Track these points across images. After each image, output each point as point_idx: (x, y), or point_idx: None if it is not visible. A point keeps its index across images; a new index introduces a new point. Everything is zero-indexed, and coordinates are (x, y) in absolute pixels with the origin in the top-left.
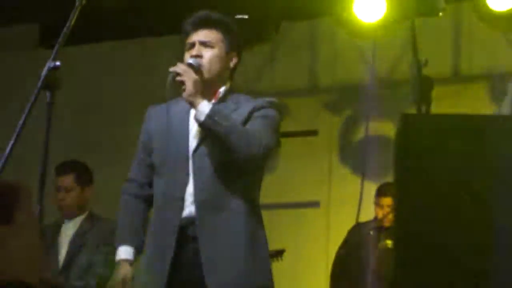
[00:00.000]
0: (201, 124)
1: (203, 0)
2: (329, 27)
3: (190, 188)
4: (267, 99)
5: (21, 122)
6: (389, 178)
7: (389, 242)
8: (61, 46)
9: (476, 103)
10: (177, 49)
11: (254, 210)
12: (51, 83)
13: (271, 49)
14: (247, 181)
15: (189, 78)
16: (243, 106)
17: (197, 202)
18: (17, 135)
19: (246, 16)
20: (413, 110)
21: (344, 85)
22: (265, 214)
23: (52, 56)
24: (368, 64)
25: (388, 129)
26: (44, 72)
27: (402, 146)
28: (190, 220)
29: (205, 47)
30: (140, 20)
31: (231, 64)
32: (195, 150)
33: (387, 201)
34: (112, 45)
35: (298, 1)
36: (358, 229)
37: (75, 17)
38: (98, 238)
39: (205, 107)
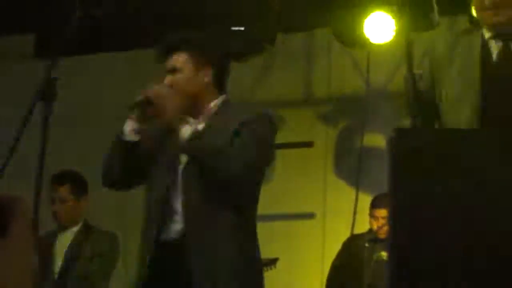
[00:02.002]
0: (179, 150)
1: (199, 13)
2: (324, 39)
3: (178, 203)
4: (260, 112)
5: (17, 133)
6: (384, 190)
7: (384, 254)
8: (58, 57)
9: None
10: None
11: (245, 224)
12: (47, 95)
13: (267, 60)
14: (237, 197)
15: (170, 103)
16: (233, 120)
17: (186, 217)
18: (13, 146)
19: (242, 28)
20: (408, 123)
21: (339, 97)
22: (261, 225)
23: (48, 68)
24: (363, 76)
25: (383, 141)
26: (40, 84)
27: (396, 160)
28: (178, 236)
29: (173, 74)
30: (138, 32)
31: (206, 79)
32: (184, 166)
33: (382, 212)
34: (110, 57)
35: (294, 13)
36: (353, 240)
37: (71, 29)
38: (93, 250)
39: (183, 132)
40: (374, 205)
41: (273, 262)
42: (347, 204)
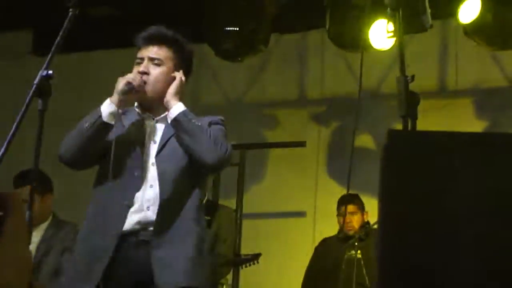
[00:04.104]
0: (174, 119)
1: (192, 12)
2: (318, 40)
3: (146, 193)
4: (219, 116)
5: (13, 129)
6: (375, 190)
7: (356, 252)
8: (54, 54)
9: (461, 117)
10: None
11: (202, 214)
12: (43, 91)
13: (261, 61)
14: (200, 187)
15: (178, 81)
16: (200, 119)
17: (159, 206)
18: (9, 142)
19: (236, 28)
20: (400, 124)
21: (332, 98)
22: (252, 223)
23: (44, 65)
24: (356, 77)
25: (375, 141)
26: (36, 80)
27: (388, 162)
28: (145, 225)
29: (153, 64)
30: (132, 29)
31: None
32: (157, 155)
33: (349, 208)
34: (104, 53)
35: (288, 14)
36: (323, 244)
37: (68, 26)
38: (63, 243)
39: (180, 106)
40: (341, 202)
41: (256, 257)
42: (337, 203)
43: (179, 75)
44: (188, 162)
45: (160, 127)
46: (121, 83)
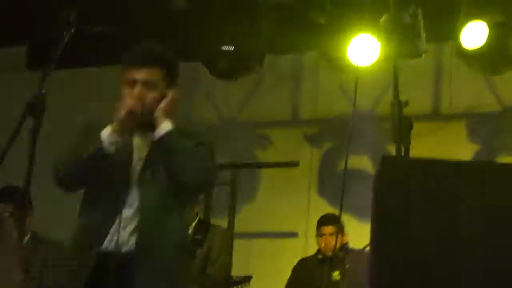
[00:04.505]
0: (160, 139)
1: (188, 30)
2: (312, 61)
3: (126, 213)
4: (208, 138)
5: (6, 145)
6: (367, 212)
7: (336, 274)
8: (48, 71)
9: (455, 141)
10: None
11: (186, 234)
12: (36, 109)
13: (256, 80)
14: (185, 207)
15: (169, 99)
16: (190, 135)
17: (140, 228)
18: (2, 158)
19: (231, 48)
20: (393, 146)
21: (326, 119)
22: (244, 243)
23: (38, 83)
24: (350, 98)
25: (367, 163)
26: (29, 98)
27: (381, 188)
28: (124, 246)
29: (147, 88)
30: (125, 46)
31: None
32: (141, 174)
33: (328, 229)
34: (99, 70)
35: (283, 35)
36: (302, 264)
37: (64, 43)
38: (44, 260)
39: (168, 125)
40: (320, 223)
41: (247, 279)
42: None
43: (171, 93)
44: (173, 184)
45: (147, 145)
46: (122, 112)
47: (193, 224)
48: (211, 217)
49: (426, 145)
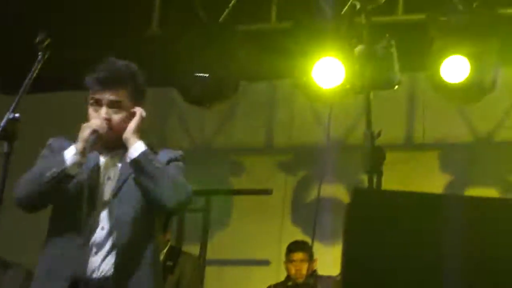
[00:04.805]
0: (134, 161)
1: (163, 56)
2: (287, 89)
3: (98, 236)
4: (179, 152)
5: None
6: (339, 240)
7: None
8: (21, 95)
9: (427, 171)
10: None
11: (159, 259)
12: (9, 134)
13: (230, 107)
14: (158, 230)
15: (138, 117)
16: (160, 155)
17: (116, 250)
18: None
19: (206, 75)
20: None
21: (299, 147)
22: (216, 270)
23: (12, 107)
24: (324, 127)
25: (340, 192)
26: (2, 123)
27: (351, 220)
28: (96, 271)
29: (112, 108)
30: None
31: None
32: (114, 196)
33: (299, 256)
34: (73, 94)
35: (258, 62)
36: None
37: (38, 68)
38: (10, 285)
39: (141, 145)
40: (290, 250)
41: None
42: None
43: (139, 112)
44: (146, 204)
45: (117, 165)
46: (86, 132)
47: (164, 250)
48: (183, 243)
49: (399, 175)
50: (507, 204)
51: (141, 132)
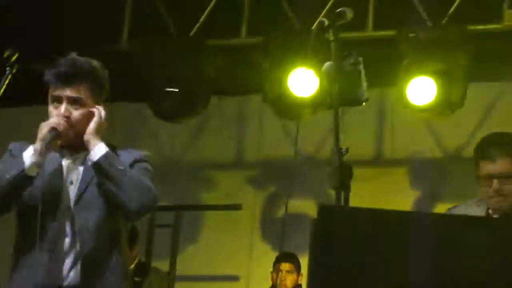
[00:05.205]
0: (95, 164)
1: (134, 71)
2: (257, 104)
3: (62, 244)
4: (144, 152)
5: None
6: (307, 256)
7: None
8: None
9: (396, 186)
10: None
11: (126, 263)
12: None
13: (200, 122)
14: (122, 234)
15: (97, 118)
16: (123, 156)
17: (79, 257)
18: None
19: (176, 89)
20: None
21: (269, 162)
22: (186, 286)
23: None
24: (293, 142)
25: (310, 207)
26: None
27: (317, 237)
28: (62, 280)
29: (73, 105)
30: None
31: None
32: (76, 201)
33: (286, 266)
34: (43, 108)
35: (228, 77)
36: None
37: (5, 84)
38: None
39: (102, 147)
40: (278, 260)
41: None
42: (271, 268)
43: (98, 111)
44: (110, 209)
45: (79, 167)
46: (44, 129)
47: (132, 266)
48: (152, 259)
49: (368, 191)
50: (472, 221)
51: (101, 133)
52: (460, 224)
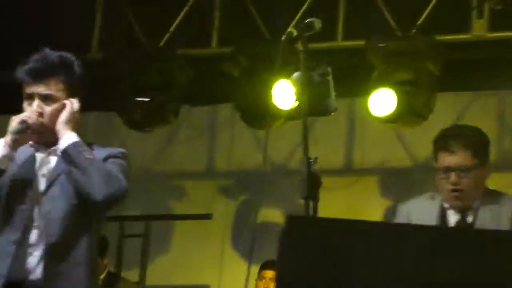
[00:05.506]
0: (64, 151)
1: (104, 80)
2: (228, 114)
3: (32, 236)
4: (121, 150)
5: None
6: None
7: None
8: None
9: (368, 195)
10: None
11: (95, 258)
12: None
13: (171, 131)
14: (95, 230)
15: (68, 108)
16: (97, 151)
17: (45, 249)
18: None
19: (147, 99)
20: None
21: (240, 171)
22: None
23: None
24: (263, 152)
25: (280, 216)
26: None
27: (285, 247)
28: (29, 273)
29: (45, 101)
30: None
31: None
32: (45, 192)
33: (270, 273)
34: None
35: (199, 86)
36: None
37: None
38: None
39: (72, 136)
40: (263, 267)
41: None
42: (242, 277)
43: (69, 103)
44: (79, 201)
45: (51, 160)
46: (14, 122)
47: (102, 276)
48: (122, 269)
49: (338, 200)
50: (446, 231)
51: (74, 125)
52: (432, 233)
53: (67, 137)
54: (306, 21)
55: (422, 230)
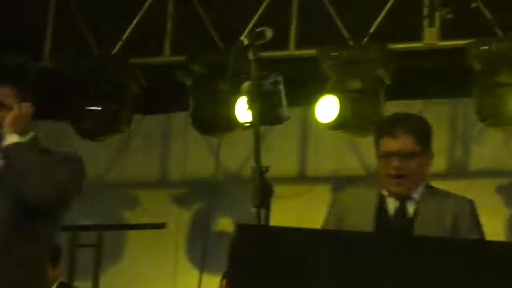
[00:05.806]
0: (3, 151)
1: (55, 88)
2: (181, 122)
3: None
4: (75, 154)
5: None
6: None
7: None
8: None
9: (320, 203)
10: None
11: (37, 260)
12: None
13: (123, 141)
14: (37, 228)
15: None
16: (49, 155)
17: None
18: None
19: (99, 108)
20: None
21: (194, 180)
22: None
23: None
24: (216, 160)
25: (233, 226)
26: None
27: (235, 256)
28: None
29: (1, 110)
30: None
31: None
32: None
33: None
34: None
35: (151, 95)
36: None
37: None
38: None
39: (12, 137)
40: (225, 276)
41: None
42: (195, 287)
43: (17, 107)
44: (16, 204)
45: None
46: None
47: (54, 286)
48: (75, 279)
49: (291, 208)
50: (400, 239)
51: (21, 128)
52: (381, 240)
53: (8, 138)
54: (257, 30)
55: (373, 237)
